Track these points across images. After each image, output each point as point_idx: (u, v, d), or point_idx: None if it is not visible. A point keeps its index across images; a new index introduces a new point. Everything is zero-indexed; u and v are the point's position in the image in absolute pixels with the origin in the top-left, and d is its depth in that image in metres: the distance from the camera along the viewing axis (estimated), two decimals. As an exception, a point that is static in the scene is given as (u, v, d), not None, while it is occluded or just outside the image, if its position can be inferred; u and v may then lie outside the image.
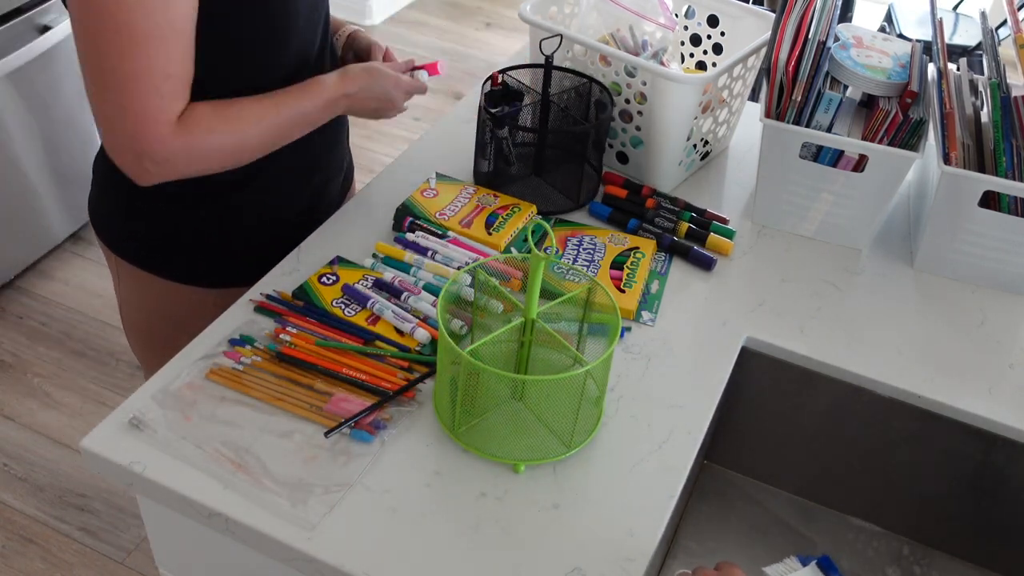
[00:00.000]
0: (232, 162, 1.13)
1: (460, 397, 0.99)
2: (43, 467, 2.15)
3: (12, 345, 2.42)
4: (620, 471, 1.02)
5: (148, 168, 1.05)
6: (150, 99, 1.01)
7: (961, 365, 1.20)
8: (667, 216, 1.36)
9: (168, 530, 1.08)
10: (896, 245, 1.39)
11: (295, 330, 1.11)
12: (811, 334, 1.22)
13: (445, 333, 0.97)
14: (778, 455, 1.32)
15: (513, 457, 1.00)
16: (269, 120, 1.12)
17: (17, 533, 2.02)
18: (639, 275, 1.25)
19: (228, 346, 1.10)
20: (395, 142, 3.28)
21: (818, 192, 1.34)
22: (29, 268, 2.61)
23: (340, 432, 1.01)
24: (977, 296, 1.31)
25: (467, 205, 1.33)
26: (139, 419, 1.01)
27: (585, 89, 1.39)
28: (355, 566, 0.90)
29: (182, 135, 1.05)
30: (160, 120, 1.03)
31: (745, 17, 1.49)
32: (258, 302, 1.15)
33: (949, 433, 1.17)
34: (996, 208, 1.27)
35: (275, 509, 0.94)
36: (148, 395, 1.04)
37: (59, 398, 2.29)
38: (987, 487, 1.21)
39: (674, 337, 1.19)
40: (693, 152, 1.45)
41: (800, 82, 1.28)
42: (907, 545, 1.30)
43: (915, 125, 1.27)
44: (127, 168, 1.06)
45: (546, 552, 0.93)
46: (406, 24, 4.05)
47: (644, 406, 1.09)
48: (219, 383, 1.06)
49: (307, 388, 1.05)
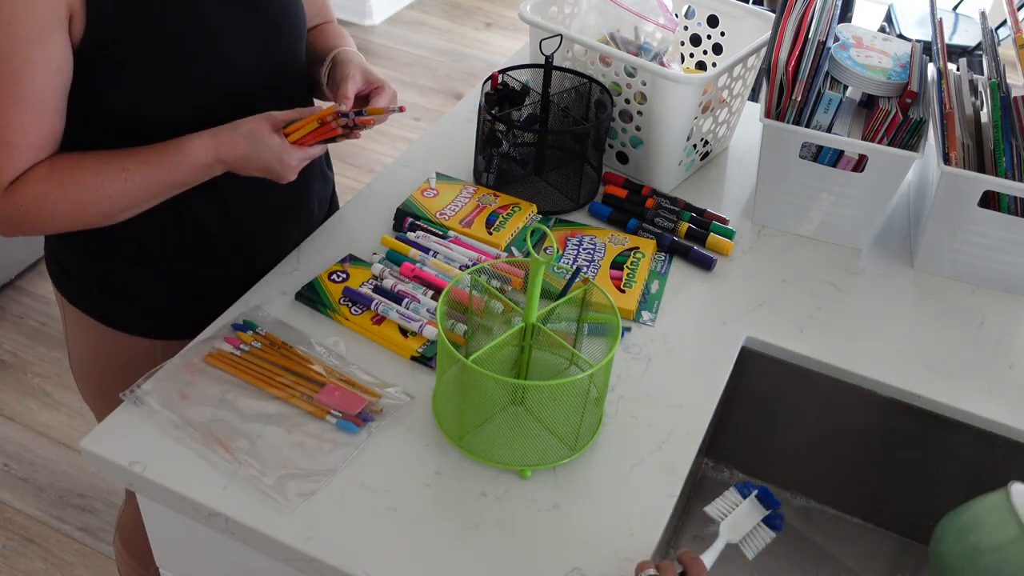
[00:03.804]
0: (76, 224, 1.07)
1: (464, 406, 0.99)
2: (43, 467, 2.15)
3: (12, 345, 2.42)
4: (620, 471, 1.02)
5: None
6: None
7: (961, 365, 1.20)
8: (667, 216, 1.36)
9: (168, 530, 1.08)
10: (896, 245, 1.39)
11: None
12: (811, 334, 1.22)
13: (445, 339, 0.97)
14: (778, 455, 1.32)
15: (519, 463, 1.00)
16: (115, 187, 1.04)
17: (17, 533, 2.02)
18: (639, 275, 1.25)
19: (230, 331, 1.11)
20: (395, 142, 3.28)
21: (818, 192, 1.34)
22: (29, 268, 2.61)
23: (327, 422, 1.02)
24: (977, 296, 1.31)
25: (467, 205, 1.33)
26: (138, 395, 1.03)
27: (585, 89, 1.39)
28: (355, 566, 0.90)
29: (9, 199, 1.02)
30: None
31: (745, 17, 1.49)
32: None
33: (949, 433, 1.17)
34: (996, 208, 1.27)
35: (256, 492, 0.95)
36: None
37: (59, 398, 2.29)
38: (986, 487, 1.21)
39: (674, 337, 1.19)
40: (693, 152, 1.45)
41: (800, 82, 1.28)
42: (907, 545, 1.30)
43: (915, 125, 1.27)
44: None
45: (546, 552, 0.93)
46: (406, 24, 4.05)
47: (644, 406, 1.09)
48: (216, 367, 1.07)
49: (301, 376, 1.06)
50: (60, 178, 1.03)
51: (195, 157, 1.05)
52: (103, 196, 1.04)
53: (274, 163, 1.06)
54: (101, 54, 1.01)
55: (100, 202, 1.05)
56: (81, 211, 1.05)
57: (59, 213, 1.04)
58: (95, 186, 1.04)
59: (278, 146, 1.05)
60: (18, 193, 1.02)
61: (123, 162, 1.04)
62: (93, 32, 0.99)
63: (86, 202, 1.04)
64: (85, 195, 1.04)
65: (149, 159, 1.05)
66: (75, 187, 1.03)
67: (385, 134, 3.31)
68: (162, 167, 1.05)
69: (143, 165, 1.05)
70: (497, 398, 1.04)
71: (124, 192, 1.05)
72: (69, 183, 1.03)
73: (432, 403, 1.06)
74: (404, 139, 3.30)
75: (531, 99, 1.38)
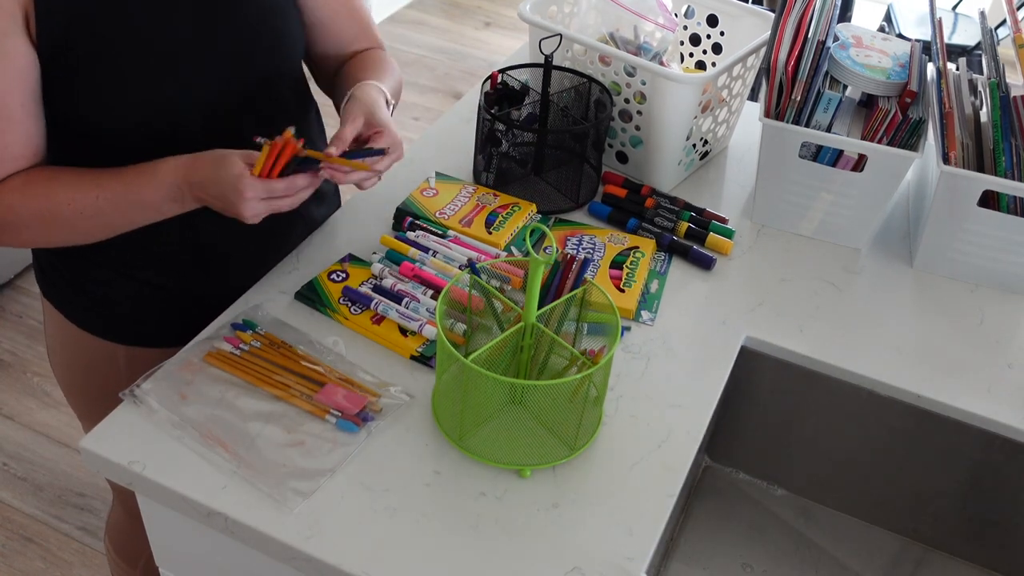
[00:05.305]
0: (48, 240, 1.06)
1: (463, 405, 0.99)
2: (43, 466, 2.15)
3: (12, 345, 2.42)
4: (620, 471, 1.02)
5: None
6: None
7: (960, 364, 1.20)
8: (666, 215, 1.36)
9: (168, 530, 1.08)
10: (895, 245, 1.39)
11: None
12: (810, 334, 1.22)
13: (444, 339, 0.97)
14: (778, 455, 1.32)
15: (518, 463, 1.00)
16: (87, 203, 1.01)
17: (17, 532, 2.02)
18: (639, 274, 1.25)
19: (230, 330, 1.11)
20: (394, 141, 3.28)
21: (817, 192, 1.34)
22: (29, 268, 2.61)
23: (327, 421, 1.02)
24: (976, 296, 1.31)
25: (467, 204, 1.33)
26: (137, 395, 1.03)
27: (585, 89, 1.39)
28: (355, 566, 0.90)
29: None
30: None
31: (745, 17, 1.49)
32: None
33: (948, 432, 1.17)
34: (995, 208, 1.27)
35: (256, 491, 0.95)
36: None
37: (59, 397, 2.29)
38: (986, 487, 1.21)
39: (674, 337, 1.19)
40: (692, 152, 1.45)
41: (799, 82, 1.28)
42: (907, 545, 1.30)
43: (914, 125, 1.27)
44: None
45: (546, 552, 0.93)
46: (405, 24, 4.05)
47: (644, 406, 1.09)
48: (216, 366, 1.07)
49: (300, 376, 1.06)
50: (34, 191, 1.01)
51: (163, 175, 1.01)
52: (75, 212, 1.01)
53: (228, 191, 0.97)
54: (57, 60, 0.98)
55: (72, 219, 1.02)
56: (52, 227, 1.03)
57: (31, 227, 1.03)
58: (68, 202, 1.01)
59: (236, 173, 0.96)
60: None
61: (98, 179, 1.02)
62: (47, 36, 0.96)
63: (58, 217, 1.02)
64: (57, 209, 1.01)
65: (123, 178, 1.02)
66: (47, 200, 1.01)
67: (384, 133, 3.30)
68: (132, 185, 1.01)
69: (116, 183, 1.02)
70: (496, 398, 1.04)
71: (96, 210, 1.02)
72: (42, 196, 1.01)
73: (431, 403, 1.06)
74: (404, 139, 3.29)
75: (530, 98, 1.38)
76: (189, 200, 1.02)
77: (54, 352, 1.32)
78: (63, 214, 1.02)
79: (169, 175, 1.01)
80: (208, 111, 1.08)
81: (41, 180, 1.02)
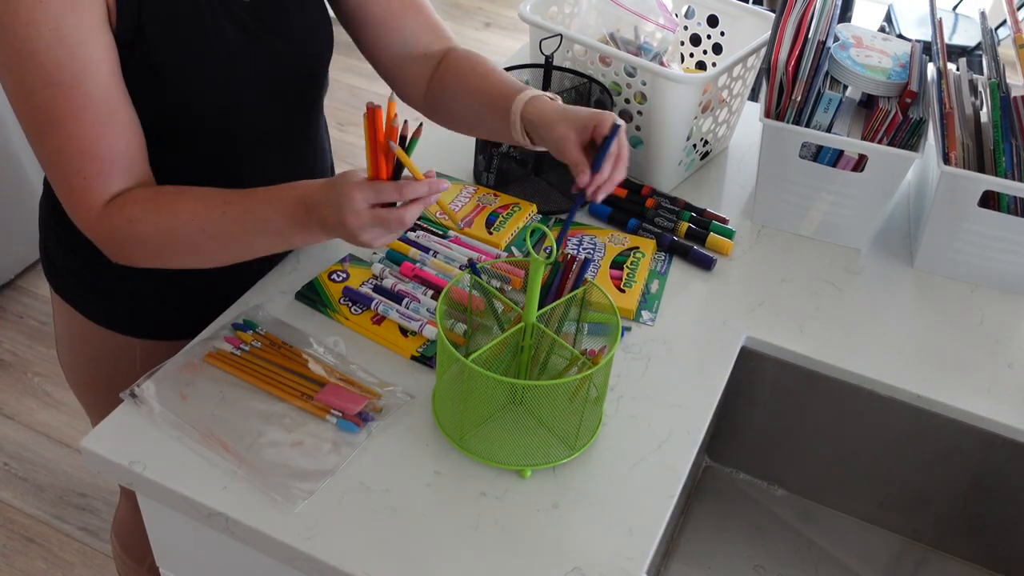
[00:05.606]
0: (165, 258, 1.03)
1: (463, 405, 0.99)
2: (43, 467, 2.15)
3: (12, 345, 2.42)
4: (620, 471, 1.02)
5: (90, 237, 1.02)
6: (73, 179, 0.97)
7: (960, 364, 1.20)
8: (667, 216, 1.36)
9: (168, 529, 1.08)
10: (896, 245, 1.39)
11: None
12: (810, 334, 1.22)
13: (445, 339, 0.97)
14: (778, 455, 1.32)
15: (519, 463, 1.00)
16: (212, 218, 0.98)
17: (18, 532, 2.02)
18: (639, 275, 1.25)
19: (230, 330, 1.11)
20: (395, 142, 3.28)
21: (818, 192, 1.34)
22: (29, 268, 2.61)
23: (327, 422, 1.02)
24: (976, 296, 1.31)
25: (467, 204, 1.33)
26: (137, 394, 1.03)
27: (585, 89, 1.39)
28: (355, 566, 0.90)
29: (104, 219, 0.98)
30: (82, 202, 0.98)
31: (745, 17, 1.49)
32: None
33: (948, 433, 1.17)
34: (996, 208, 1.27)
35: (256, 491, 0.95)
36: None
37: (59, 398, 2.29)
38: (986, 487, 1.21)
39: (674, 337, 1.19)
40: (693, 152, 1.45)
41: (800, 82, 1.28)
42: (907, 545, 1.30)
43: (915, 125, 1.27)
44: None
45: (546, 552, 0.93)
46: (406, 24, 4.05)
47: (644, 406, 1.09)
48: (216, 366, 1.07)
49: (301, 376, 1.06)
50: (157, 204, 0.98)
51: (287, 190, 0.97)
52: (197, 228, 0.98)
53: (339, 198, 0.92)
54: (134, 51, 0.97)
55: (193, 236, 0.99)
56: (170, 243, 1.00)
57: (151, 240, 0.99)
58: (192, 217, 0.98)
59: (346, 190, 0.91)
60: (114, 214, 0.98)
61: (226, 195, 0.99)
62: (124, 27, 0.95)
63: (178, 232, 0.99)
64: (179, 224, 0.98)
65: (251, 195, 0.99)
66: (171, 213, 0.98)
67: (385, 134, 3.30)
68: (259, 201, 0.98)
69: (242, 198, 0.98)
70: (497, 398, 1.04)
71: (218, 229, 0.98)
72: (165, 209, 0.98)
73: (432, 403, 1.06)
74: (404, 139, 3.30)
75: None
76: (314, 225, 0.96)
77: (64, 347, 1.32)
78: (185, 230, 0.99)
79: (293, 190, 0.97)
80: (249, 109, 1.09)
81: (169, 194, 1.00)
